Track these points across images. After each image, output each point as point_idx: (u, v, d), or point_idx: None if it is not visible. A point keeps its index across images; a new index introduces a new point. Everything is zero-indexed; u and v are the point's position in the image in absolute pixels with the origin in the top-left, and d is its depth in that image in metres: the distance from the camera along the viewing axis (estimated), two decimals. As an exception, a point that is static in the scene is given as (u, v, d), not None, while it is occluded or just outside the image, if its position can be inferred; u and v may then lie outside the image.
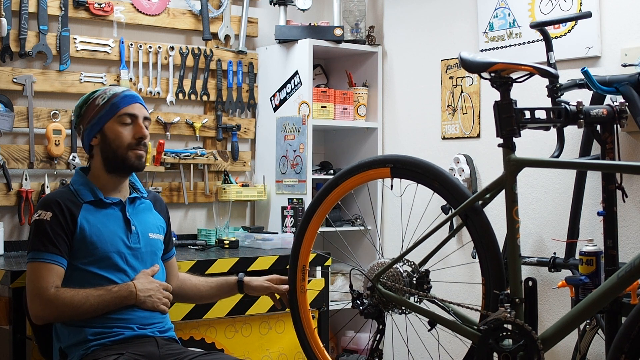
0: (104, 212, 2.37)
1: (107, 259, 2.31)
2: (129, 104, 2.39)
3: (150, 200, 2.53)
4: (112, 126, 2.37)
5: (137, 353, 2.22)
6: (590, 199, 2.98)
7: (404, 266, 2.32)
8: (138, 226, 2.41)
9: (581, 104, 2.27)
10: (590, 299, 1.99)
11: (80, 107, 2.42)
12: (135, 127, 2.39)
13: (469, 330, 2.15)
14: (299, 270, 2.51)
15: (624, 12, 2.96)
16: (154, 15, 3.68)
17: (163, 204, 2.60)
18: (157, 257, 2.47)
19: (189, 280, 2.61)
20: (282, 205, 3.80)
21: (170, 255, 2.60)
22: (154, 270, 2.39)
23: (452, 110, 3.64)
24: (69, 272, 2.29)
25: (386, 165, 2.32)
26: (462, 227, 2.21)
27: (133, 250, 2.37)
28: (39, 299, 2.22)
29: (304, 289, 2.51)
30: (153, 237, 2.45)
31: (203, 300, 2.65)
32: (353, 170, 2.39)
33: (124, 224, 2.38)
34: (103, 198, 2.37)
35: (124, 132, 2.37)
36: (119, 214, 2.39)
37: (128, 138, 2.37)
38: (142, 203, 2.49)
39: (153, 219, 2.49)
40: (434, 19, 3.76)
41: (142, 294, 2.29)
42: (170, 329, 2.42)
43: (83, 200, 2.35)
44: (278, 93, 3.91)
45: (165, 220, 2.56)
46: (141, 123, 2.40)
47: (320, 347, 2.51)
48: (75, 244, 2.29)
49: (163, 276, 2.48)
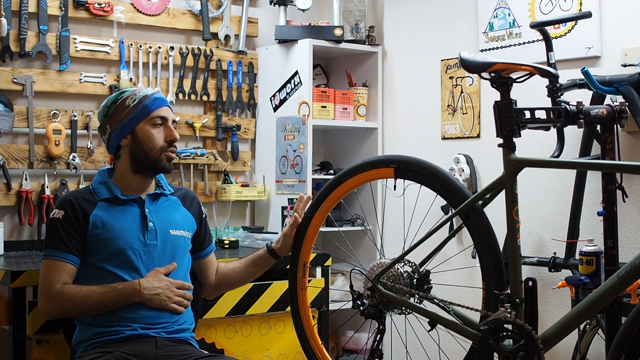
0: (120, 209, 2.39)
1: (120, 255, 2.32)
2: (160, 106, 2.42)
3: (178, 197, 2.54)
4: (144, 128, 2.40)
5: (129, 352, 2.23)
6: (590, 199, 2.98)
7: (404, 266, 2.32)
8: (157, 223, 2.41)
9: (581, 104, 2.27)
10: (590, 299, 1.99)
11: (108, 107, 2.43)
12: (166, 130, 2.43)
13: (469, 330, 2.15)
14: (300, 267, 2.51)
15: (624, 12, 2.96)
16: (154, 15, 3.68)
17: (195, 200, 2.61)
18: (180, 254, 2.45)
19: (226, 267, 2.63)
20: (282, 205, 3.80)
21: (208, 251, 2.62)
22: (169, 269, 2.37)
23: (452, 110, 3.64)
24: (84, 269, 2.33)
25: (390, 166, 2.32)
26: (462, 227, 2.22)
27: (148, 247, 2.37)
28: (44, 295, 2.28)
29: (304, 285, 2.52)
30: (175, 234, 2.44)
31: (245, 281, 2.66)
32: (356, 169, 2.40)
33: (140, 221, 2.39)
34: (119, 195, 2.40)
35: (156, 134, 2.40)
36: (137, 210, 2.41)
37: (160, 140, 2.41)
38: (167, 200, 2.50)
39: (178, 216, 2.49)
40: (434, 19, 3.76)
41: (148, 292, 2.29)
42: (184, 330, 2.40)
43: (99, 198, 2.38)
44: (278, 93, 3.91)
45: (195, 217, 2.56)
46: (171, 125, 2.44)
47: (320, 346, 2.52)
48: (88, 241, 2.33)
49: (184, 274, 2.46)
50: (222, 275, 2.62)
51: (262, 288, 3.08)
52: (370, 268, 2.37)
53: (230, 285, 2.66)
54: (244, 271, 2.61)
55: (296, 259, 2.52)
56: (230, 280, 2.62)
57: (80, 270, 2.33)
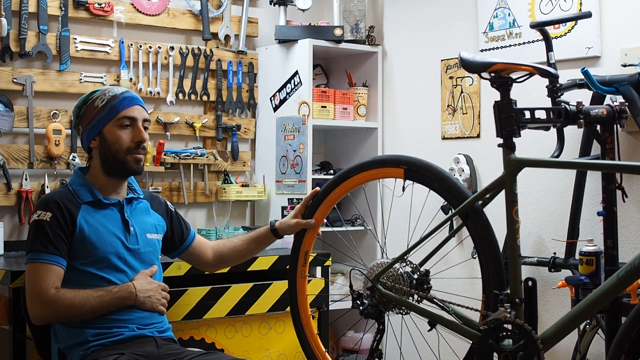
0: (103, 213, 2.37)
1: (106, 260, 2.31)
2: (128, 106, 2.37)
3: (146, 200, 2.52)
4: (111, 129, 2.35)
5: (138, 353, 2.23)
6: (590, 199, 2.98)
7: (405, 266, 2.32)
8: (136, 227, 2.41)
9: (581, 104, 2.27)
10: (590, 299, 1.99)
11: (79, 108, 2.41)
12: (134, 131, 2.37)
13: (469, 330, 2.15)
14: (301, 255, 2.51)
15: (624, 12, 2.96)
16: (154, 15, 3.68)
17: (160, 201, 2.59)
18: (156, 257, 2.47)
19: (224, 245, 2.63)
20: (282, 205, 3.80)
21: (191, 239, 2.61)
22: (152, 271, 2.40)
23: (452, 110, 3.64)
24: (68, 273, 2.28)
25: (400, 166, 2.31)
26: (462, 227, 2.21)
27: (132, 251, 2.37)
28: (38, 300, 2.22)
29: (304, 274, 2.51)
30: (151, 238, 2.45)
31: (245, 258, 2.66)
32: (366, 166, 2.39)
33: (122, 225, 2.38)
34: (102, 199, 2.37)
35: (123, 135, 2.35)
36: (118, 214, 2.39)
37: (127, 142, 2.35)
38: (139, 203, 2.48)
39: (151, 219, 2.49)
40: (434, 19, 3.76)
41: (142, 295, 2.30)
42: (168, 329, 2.43)
43: (82, 201, 2.35)
44: (278, 93, 3.91)
45: (164, 217, 2.55)
46: (140, 126, 2.38)
47: (319, 345, 2.52)
48: (74, 245, 2.29)
49: (161, 276, 2.49)
50: (224, 253, 2.62)
51: (262, 288, 3.08)
52: (370, 268, 2.37)
53: (231, 262, 2.67)
54: (245, 248, 2.61)
55: (298, 246, 2.52)
56: (231, 258, 2.63)
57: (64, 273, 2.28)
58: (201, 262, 2.63)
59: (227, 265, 2.69)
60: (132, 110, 2.38)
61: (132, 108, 2.38)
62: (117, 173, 2.39)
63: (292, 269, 2.53)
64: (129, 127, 2.37)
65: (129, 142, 2.36)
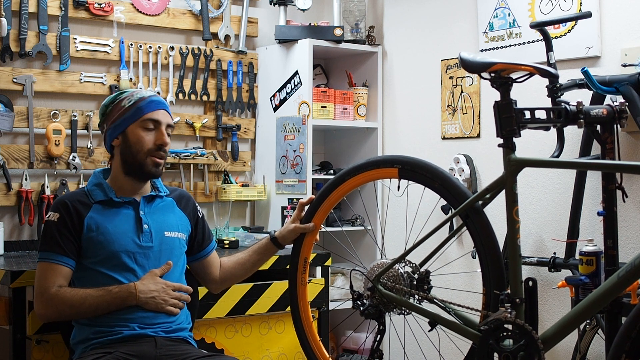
0: (115, 211, 2.38)
1: (115, 258, 2.32)
2: (154, 109, 2.40)
3: (174, 198, 2.53)
4: (135, 130, 2.38)
5: (129, 352, 2.23)
6: (590, 199, 2.98)
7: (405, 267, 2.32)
8: (152, 224, 2.41)
9: (581, 104, 2.27)
10: (590, 299, 1.99)
11: (106, 107, 2.44)
12: (157, 134, 2.40)
13: (469, 330, 2.15)
14: (301, 263, 2.51)
15: (624, 12, 2.96)
16: (154, 15, 3.68)
17: (190, 201, 2.59)
18: (176, 255, 2.45)
19: (228, 259, 2.63)
20: (282, 205, 3.80)
21: (208, 251, 2.61)
22: (164, 270, 2.37)
23: (452, 110, 3.64)
24: (80, 272, 2.33)
25: (394, 166, 2.31)
26: (463, 228, 2.21)
27: (144, 249, 2.37)
28: (41, 298, 2.28)
29: (304, 281, 2.52)
30: (170, 236, 2.44)
31: (249, 271, 2.64)
32: (360, 168, 2.39)
33: (135, 223, 2.39)
34: (114, 197, 2.39)
35: (145, 137, 2.38)
36: (132, 213, 2.40)
37: (149, 143, 2.38)
38: (162, 202, 2.49)
39: (173, 218, 2.49)
40: (434, 19, 3.76)
41: (144, 295, 2.29)
42: (182, 330, 2.41)
43: (94, 200, 2.38)
44: (278, 93, 3.91)
45: (190, 218, 2.55)
46: (163, 130, 2.41)
47: (319, 344, 2.52)
48: (83, 244, 2.32)
49: (179, 275, 2.46)
50: (228, 269, 2.62)
51: (262, 288, 3.08)
52: (370, 268, 2.37)
53: (237, 278, 2.66)
54: (249, 262, 2.61)
55: (297, 254, 2.52)
56: (237, 273, 2.63)
57: (75, 273, 2.33)
58: (209, 278, 2.62)
59: (231, 281, 2.67)
60: (157, 114, 2.41)
61: (157, 112, 2.41)
62: (135, 174, 2.41)
63: (292, 276, 2.53)
64: (152, 130, 2.40)
65: (151, 144, 2.39)
